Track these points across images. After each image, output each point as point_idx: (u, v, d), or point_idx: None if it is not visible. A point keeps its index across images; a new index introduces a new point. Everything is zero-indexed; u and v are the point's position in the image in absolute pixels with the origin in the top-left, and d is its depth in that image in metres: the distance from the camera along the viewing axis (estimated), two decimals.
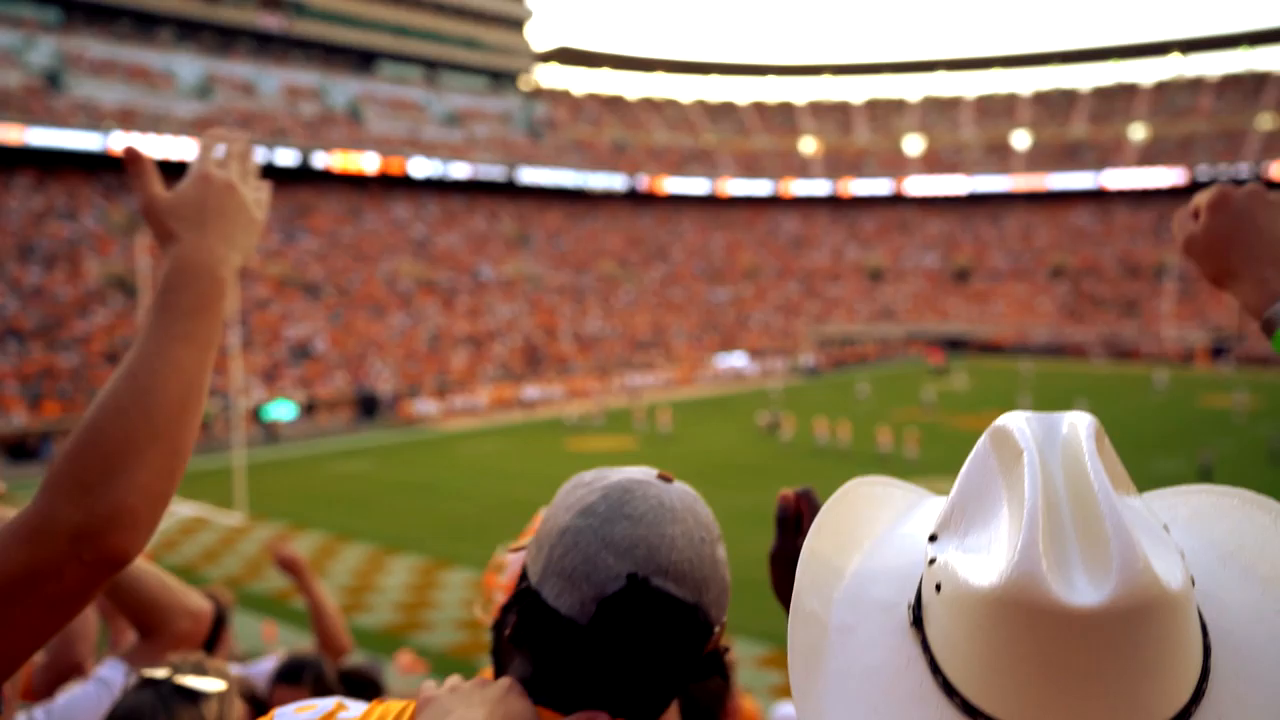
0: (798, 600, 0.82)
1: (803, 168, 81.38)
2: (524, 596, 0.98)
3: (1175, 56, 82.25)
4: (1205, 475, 25.00)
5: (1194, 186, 70.31)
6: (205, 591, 3.29)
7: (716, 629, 0.98)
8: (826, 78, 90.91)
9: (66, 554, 0.98)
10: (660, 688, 0.98)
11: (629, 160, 75.80)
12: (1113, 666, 0.66)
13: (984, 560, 0.70)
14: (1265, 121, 72.63)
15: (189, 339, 1.10)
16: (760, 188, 78.35)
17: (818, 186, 79.18)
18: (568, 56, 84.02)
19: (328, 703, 0.98)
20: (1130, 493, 0.75)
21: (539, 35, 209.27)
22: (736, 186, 77.62)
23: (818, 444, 31.74)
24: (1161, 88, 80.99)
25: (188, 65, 56.39)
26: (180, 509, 23.82)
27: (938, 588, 0.73)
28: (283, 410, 36.49)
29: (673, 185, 74.97)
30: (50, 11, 53.39)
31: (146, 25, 57.15)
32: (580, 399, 43.25)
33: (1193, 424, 34.77)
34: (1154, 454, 30.02)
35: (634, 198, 73.67)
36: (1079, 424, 0.74)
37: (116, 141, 48.48)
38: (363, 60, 66.95)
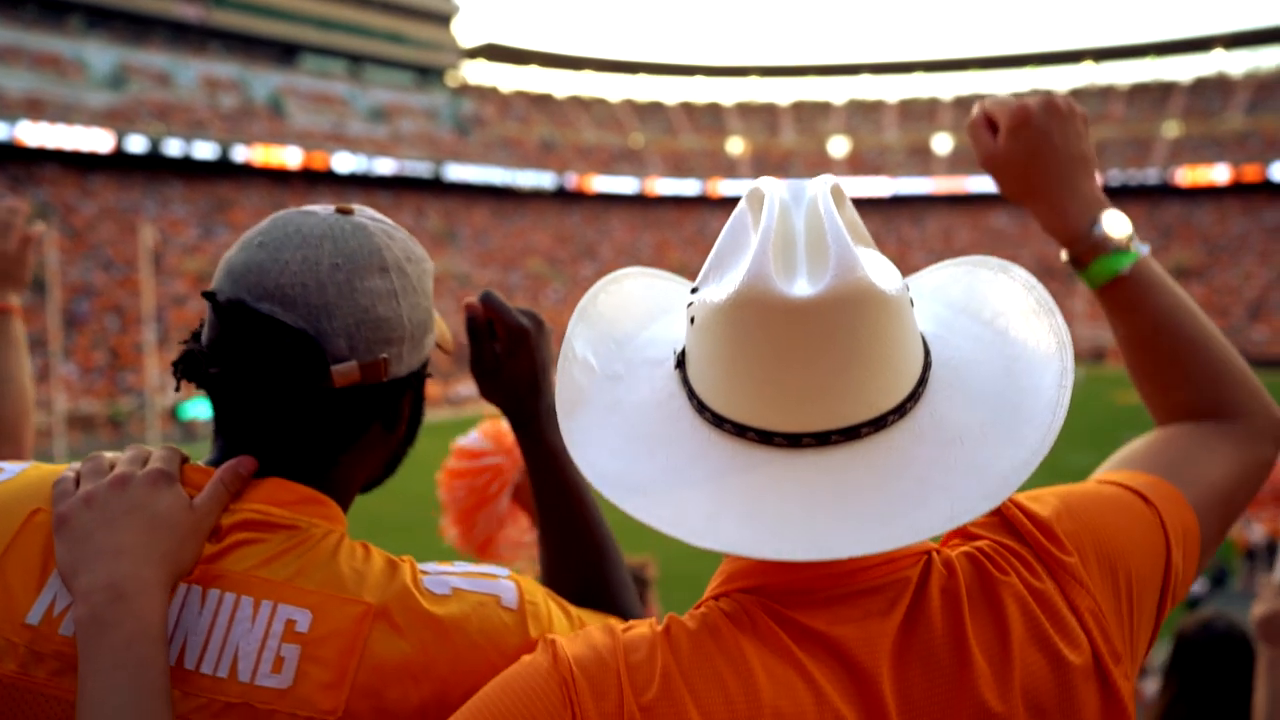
0: (570, 345, 0.90)
1: (730, 168, 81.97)
2: (192, 339, 1.01)
3: (1088, 65, 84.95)
4: None
5: (1105, 190, 72.54)
6: None
7: (352, 362, 0.94)
8: (753, 79, 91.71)
9: None
10: (303, 428, 0.96)
11: (557, 158, 75.50)
12: (829, 352, 0.74)
13: (727, 282, 0.79)
14: (1171, 129, 75.39)
15: None
16: (688, 187, 78.68)
17: (745, 187, 78.02)
18: (495, 53, 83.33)
19: None
20: (869, 246, 0.84)
21: (466, 31, 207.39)
22: (665, 186, 77.82)
23: None
24: (1074, 95, 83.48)
25: (99, 54, 54.47)
26: None
27: (691, 321, 0.83)
28: (201, 409, 35.56)
29: (601, 184, 74.86)
30: None
31: (55, 12, 55.10)
32: None
33: (1107, 420, 35.88)
34: (1071, 450, 30.91)
35: (562, 196, 73.39)
36: (821, 182, 0.85)
37: (23, 131, 46.65)
38: (284, 52, 65.48)
